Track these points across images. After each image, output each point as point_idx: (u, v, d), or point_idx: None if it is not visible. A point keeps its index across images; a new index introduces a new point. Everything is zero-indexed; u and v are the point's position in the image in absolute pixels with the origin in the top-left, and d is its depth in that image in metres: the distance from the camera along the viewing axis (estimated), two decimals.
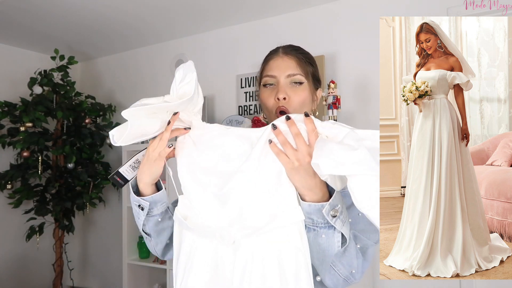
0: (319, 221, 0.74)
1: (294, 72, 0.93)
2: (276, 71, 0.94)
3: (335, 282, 0.81)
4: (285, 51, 0.96)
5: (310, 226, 0.75)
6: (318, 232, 0.75)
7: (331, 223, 0.73)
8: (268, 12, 2.59)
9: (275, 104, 0.92)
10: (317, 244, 0.75)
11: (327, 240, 0.75)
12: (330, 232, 0.75)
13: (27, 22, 2.70)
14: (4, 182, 2.77)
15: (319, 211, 0.73)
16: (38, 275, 3.25)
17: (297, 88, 0.93)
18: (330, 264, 0.78)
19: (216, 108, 2.87)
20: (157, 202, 0.91)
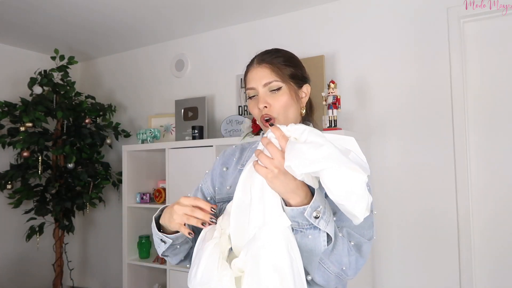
0: (303, 223, 0.76)
1: (270, 80, 0.96)
2: (253, 83, 0.99)
3: (326, 279, 0.82)
4: (259, 61, 1.00)
5: (297, 228, 0.77)
6: (305, 233, 0.77)
7: (314, 224, 0.75)
8: (268, 12, 2.59)
9: (259, 113, 0.97)
10: (304, 245, 0.77)
11: (313, 240, 0.77)
12: (315, 232, 0.76)
13: (27, 22, 2.70)
14: (4, 182, 2.77)
15: (302, 214, 0.75)
16: (38, 275, 3.25)
17: (276, 94, 0.96)
18: (318, 262, 0.80)
19: (216, 108, 2.87)
20: (179, 238, 0.94)
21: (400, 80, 2.22)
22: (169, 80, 3.12)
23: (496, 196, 2.04)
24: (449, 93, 2.09)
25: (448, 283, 2.06)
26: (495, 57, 2.06)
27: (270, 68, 0.97)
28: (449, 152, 2.09)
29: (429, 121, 2.14)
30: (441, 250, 2.08)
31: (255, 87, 0.98)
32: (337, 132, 2.01)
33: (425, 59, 2.16)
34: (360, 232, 0.86)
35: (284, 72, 0.97)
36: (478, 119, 2.09)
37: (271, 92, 0.96)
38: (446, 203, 2.08)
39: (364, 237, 0.87)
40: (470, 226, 2.02)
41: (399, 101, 2.23)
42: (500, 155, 2.04)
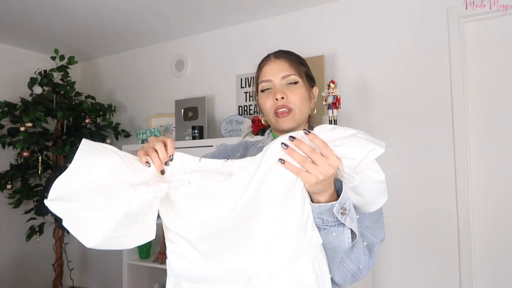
0: (329, 220, 0.76)
1: (288, 73, 0.97)
2: (270, 75, 0.98)
3: (343, 277, 0.83)
4: (276, 55, 1.01)
5: (320, 226, 0.77)
6: (329, 230, 0.77)
7: (341, 220, 0.75)
8: (268, 12, 2.59)
9: (274, 104, 0.96)
10: (328, 242, 0.77)
11: (337, 238, 0.77)
12: (340, 230, 0.77)
13: (27, 22, 2.70)
14: (4, 182, 2.77)
15: (330, 211, 0.75)
16: (38, 275, 3.25)
17: (293, 87, 0.97)
18: (339, 260, 0.80)
19: (216, 108, 2.87)
20: None
21: (400, 80, 2.22)
22: (169, 80, 3.12)
23: (496, 196, 2.04)
24: (449, 93, 2.09)
25: (448, 283, 2.06)
26: (495, 57, 2.06)
27: (288, 63, 0.99)
28: (449, 152, 2.09)
29: (429, 121, 2.14)
30: (441, 250, 2.08)
31: (271, 79, 0.98)
32: None
33: (425, 59, 2.16)
34: (373, 233, 0.88)
35: (300, 69, 1.00)
36: (478, 119, 2.09)
37: (287, 85, 0.97)
38: (446, 203, 2.08)
39: (377, 238, 0.88)
40: (470, 226, 2.02)
41: (399, 101, 2.23)
42: (500, 155, 2.04)
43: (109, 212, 0.64)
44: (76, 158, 0.66)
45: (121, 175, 0.68)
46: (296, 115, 0.97)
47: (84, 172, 0.66)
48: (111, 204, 0.65)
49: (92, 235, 0.64)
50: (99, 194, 0.64)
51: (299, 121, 0.99)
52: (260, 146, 1.06)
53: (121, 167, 0.68)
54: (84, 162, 0.67)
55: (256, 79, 1.05)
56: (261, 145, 1.07)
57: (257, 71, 1.05)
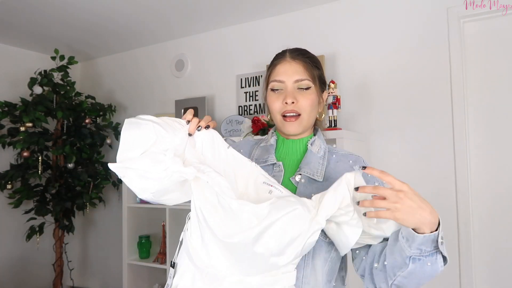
0: (426, 250, 0.75)
1: (302, 77, 0.96)
2: (283, 76, 0.96)
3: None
4: (292, 56, 0.98)
5: (416, 257, 0.75)
6: (424, 260, 0.75)
7: (440, 249, 0.75)
8: (268, 12, 2.59)
9: (282, 107, 0.96)
10: (422, 273, 0.76)
11: (431, 267, 0.76)
12: (433, 259, 0.75)
13: (27, 22, 2.70)
14: (4, 182, 2.77)
15: (433, 241, 0.74)
16: (38, 275, 3.25)
17: (305, 92, 0.96)
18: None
19: (216, 108, 2.87)
20: None
21: (400, 80, 2.22)
22: (169, 80, 3.12)
23: (496, 196, 2.04)
24: (449, 92, 2.09)
25: (448, 283, 2.06)
26: (495, 57, 2.06)
27: (303, 66, 0.97)
28: (449, 151, 2.09)
29: (429, 121, 2.14)
30: None
31: (284, 81, 0.96)
32: (337, 132, 2.01)
33: (425, 59, 2.16)
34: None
35: (314, 73, 0.98)
36: (478, 119, 2.09)
37: (299, 90, 0.96)
38: (446, 203, 2.08)
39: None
40: (470, 226, 2.02)
41: (399, 101, 2.23)
42: (500, 155, 2.04)
43: (156, 177, 0.75)
44: (122, 137, 0.79)
45: (164, 140, 0.77)
46: (304, 121, 0.97)
47: (132, 146, 0.77)
48: (159, 169, 0.75)
49: (142, 192, 0.79)
50: (149, 159, 0.75)
51: (306, 127, 0.99)
52: (263, 145, 1.06)
53: (162, 134, 0.78)
54: (129, 138, 0.78)
55: (268, 75, 1.02)
56: (264, 144, 1.06)
57: (270, 67, 1.02)
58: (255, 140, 1.11)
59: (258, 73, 2.63)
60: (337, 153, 1.02)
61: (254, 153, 1.05)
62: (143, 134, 0.77)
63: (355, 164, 0.98)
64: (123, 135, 0.78)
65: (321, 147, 1.01)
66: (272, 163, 0.99)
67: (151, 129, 0.77)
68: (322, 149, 1.01)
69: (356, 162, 0.99)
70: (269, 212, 0.73)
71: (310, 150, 1.00)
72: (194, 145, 0.84)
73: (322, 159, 0.99)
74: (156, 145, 0.77)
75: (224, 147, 0.88)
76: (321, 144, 1.02)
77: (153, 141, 0.77)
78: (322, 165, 0.97)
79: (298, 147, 1.03)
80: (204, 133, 0.86)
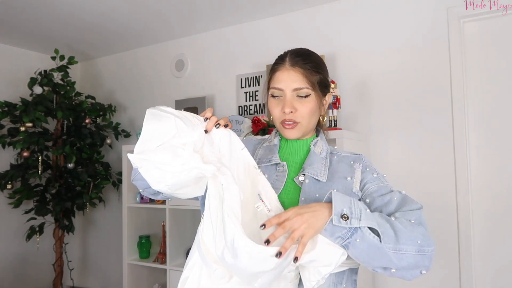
0: (343, 233, 0.77)
1: (300, 86, 0.95)
2: (282, 84, 0.96)
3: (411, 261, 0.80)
4: (292, 62, 0.97)
5: (345, 244, 0.78)
6: (353, 242, 0.77)
7: (349, 226, 0.76)
8: (268, 12, 2.59)
9: (282, 115, 0.97)
10: (362, 251, 0.78)
11: (363, 241, 0.77)
12: (359, 234, 0.77)
13: (27, 22, 2.70)
14: (4, 182, 2.77)
15: (334, 227, 0.76)
16: (38, 275, 3.25)
17: (303, 100, 0.96)
18: (395, 252, 0.78)
19: (216, 108, 2.87)
20: None
21: (400, 80, 2.22)
22: (169, 80, 3.12)
23: (496, 196, 2.04)
24: (449, 92, 2.09)
25: (448, 284, 2.06)
26: (495, 57, 2.06)
27: (302, 74, 0.95)
28: (449, 152, 2.09)
29: (429, 121, 2.14)
30: (441, 250, 2.08)
31: (283, 89, 0.96)
32: (337, 132, 2.01)
33: (425, 59, 2.16)
34: (410, 209, 0.88)
35: (314, 79, 0.97)
36: (478, 119, 2.09)
37: (298, 97, 0.96)
38: (446, 203, 2.08)
39: (415, 209, 0.89)
40: (470, 226, 2.02)
41: (399, 101, 2.23)
42: (500, 155, 2.04)
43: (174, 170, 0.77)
44: (144, 128, 0.81)
45: (184, 134, 0.80)
46: (303, 128, 0.98)
47: (152, 137, 0.79)
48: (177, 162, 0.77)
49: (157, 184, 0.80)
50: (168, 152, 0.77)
51: (305, 132, 1.01)
52: (266, 145, 1.06)
53: (182, 128, 0.80)
54: (150, 129, 0.80)
55: (268, 80, 1.02)
56: (267, 144, 1.07)
57: (270, 72, 1.02)
58: (258, 140, 1.11)
59: (258, 73, 2.63)
60: (338, 154, 1.03)
61: (258, 152, 1.05)
62: (164, 126, 0.79)
63: (355, 163, 1.00)
64: (145, 125, 0.81)
65: (323, 148, 1.02)
66: (276, 163, 1.00)
67: (172, 122, 0.79)
68: (325, 150, 1.02)
69: (356, 161, 1.00)
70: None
71: (313, 151, 1.01)
72: (212, 142, 0.86)
73: (324, 160, 1.00)
74: (175, 139, 0.79)
75: (239, 147, 0.90)
76: (324, 145, 1.03)
77: (173, 135, 0.78)
78: (325, 166, 0.98)
79: (301, 147, 1.04)
80: (222, 131, 0.88)
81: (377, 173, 0.98)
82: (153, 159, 0.77)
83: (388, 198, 0.91)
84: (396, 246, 0.78)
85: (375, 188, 0.94)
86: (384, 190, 0.94)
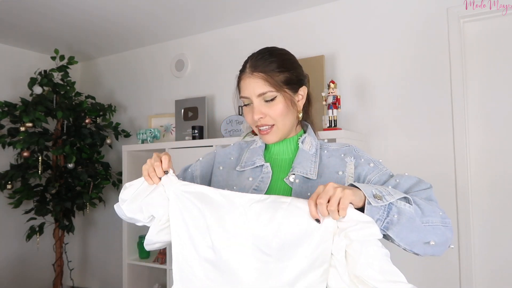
0: (381, 214, 0.76)
1: (264, 91, 0.94)
2: (246, 92, 0.97)
3: (442, 232, 0.81)
4: (251, 69, 0.97)
5: (384, 226, 0.77)
6: (391, 220, 0.76)
7: (384, 203, 0.76)
8: (268, 12, 2.59)
9: (254, 122, 0.97)
10: (403, 226, 0.77)
11: (400, 214, 0.77)
12: (394, 209, 0.77)
13: (27, 22, 2.70)
14: (4, 182, 2.77)
15: (371, 209, 0.75)
16: (38, 275, 3.25)
17: (271, 104, 0.95)
18: (425, 225, 0.79)
19: (216, 108, 2.87)
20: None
21: (400, 80, 2.22)
22: (169, 80, 3.12)
23: (497, 197, 2.04)
24: (449, 92, 2.09)
25: (448, 284, 2.06)
26: (495, 57, 2.06)
27: (263, 78, 0.94)
28: (449, 152, 2.09)
29: (429, 121, 2.14)
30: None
31: (248, 97, 0.97)
32: (337, 132, 2.01)
33: (425, 59, 2.16)
34: (420, 188, 0.90)
35: (278, 79, 0.94)
36: (478, 119, 2.09)
37: (266, 102, 0.95)
38: (446, 203, 2.08)
39: (424, 189, 0.90)
40: (470, 227, 2.02)
41: (399, 101, 2.23)
42: (500, 156, 2.04)
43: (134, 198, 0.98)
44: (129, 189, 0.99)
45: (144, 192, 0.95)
46: (279, 130, 0.97)
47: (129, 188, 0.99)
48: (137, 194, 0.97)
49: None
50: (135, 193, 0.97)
51: (284, 132, 0.99)
52: (252, 147, 1.05)
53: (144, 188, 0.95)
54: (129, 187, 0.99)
55: (238, 90, 1.03)
56: (254, 146, 1.06)
57: (237, 81, 1.03)
58: (246, 143, 1.10)
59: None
60: (328, 148, 1.01)
61: (244, 156, 1.05)
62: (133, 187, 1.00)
63: (346, 156, 0.98)
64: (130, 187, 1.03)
65: (312, 144, 1.00)
66: (260, 165, 0.99)
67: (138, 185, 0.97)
68: (314, 146, 1.00)
69: (347, 153, 0.99)
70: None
71: (302, 149, 0.99)
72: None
73: (314, 156, 0.98)
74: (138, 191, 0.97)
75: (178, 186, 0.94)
76: (312, 141, 1.01)
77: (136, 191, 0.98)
78: (315, 163, 0.97)
79: (289, 146, 1.02)
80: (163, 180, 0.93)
81: (373, 162, 0.97)
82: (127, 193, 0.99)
83: (394, 183, 0.90)
84: (423, 219, 0.79)
85: (377, 178, 0.93)
86: (386, 177, 0.93)
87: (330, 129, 2.08)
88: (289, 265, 0.76)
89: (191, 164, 1.11)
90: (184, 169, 1.11)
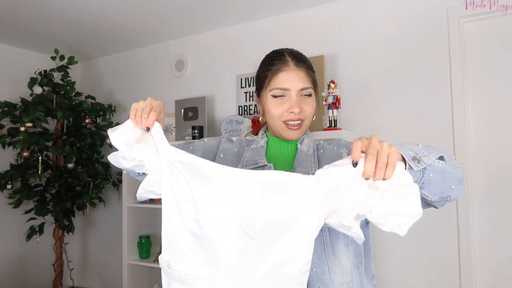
0: (417, 176, 0.74)
1: (306, 86, 0.97)
2: (289, 84, 0.96)
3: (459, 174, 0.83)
4: (296, 63, 0.97)
5: (421, 186, 0.75)
6: (426, 180, 0.75)
7: (423, 165, 0.73)
8: (268, 12, 2.59)
9: (286, 115, 0.96)
10: (437, 181, 0.76)
11: (435, 173, 0.75)
12: (429, 169, 0.75)
13: (27, 22, 2.70)
14: (4, 182, 2.77)
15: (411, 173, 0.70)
16: (38, 275, 3.25)
17: (308, 100, 0.98)
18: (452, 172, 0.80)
19: (216, 108, 2.87)
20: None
21: (400, 80, 2.22)
22: (169, 80, 3.12)
23: (496, 197, 2.04)
24: (449, 93, 2.09)
25: (447, 280, 2.06)
26: (495, 57, 2.06)
27: (307, 73, 0.97)
28: (449, 152, 2.08)
29: (429, 121, 2.14)
30: (441, 250, 2.08)
31: (290, 89, 0.96)
32: (337, 132, 2.01)
33: (425, 59, 2.16)
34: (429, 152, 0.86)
35: (313, 78, 0.99)
36: (478, 119, 2.09)
37: (302, 97, 0.97)
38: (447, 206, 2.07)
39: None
40: (471, 227, 2.02)
41: (399, 101, 2.23)
42: (500, 156, 2.04)
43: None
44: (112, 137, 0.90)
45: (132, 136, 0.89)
46: (305, 127, 1.00)
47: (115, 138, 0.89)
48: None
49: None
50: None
51: (305, 131, 1.02)
52: (254, 147, 1.05)
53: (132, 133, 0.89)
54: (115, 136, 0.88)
55: (269, 80, 0.98)
56: (254, 146, 1.05)
57: (270, 73, 0.98)
58: (247, 141, 1.10)
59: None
60: (323, 148, 1.04)
61: (245, 155, 1.04)
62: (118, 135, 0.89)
63: (339, 148, 1.00)
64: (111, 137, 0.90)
65: (310, 145, 1.02)
66: (263, 165, 0.99)
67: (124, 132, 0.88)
68: (311, 147, 1.02)
69: (339, 146, 1.00)
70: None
71: (300, 149, 1.01)
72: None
73: (312, 156, 1.00)
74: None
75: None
76: (310, 142, 1.03)
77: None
78: (314, 163, 0.99)
79: (288, 147, 1.04)
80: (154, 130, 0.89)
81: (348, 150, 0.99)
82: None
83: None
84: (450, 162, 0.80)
85: None
86: None
87: (330, 129, 2.08)
88: (274, 249, 0.72)
89: (194, 141, 1.11)
90: (186, 142, 1.10)
